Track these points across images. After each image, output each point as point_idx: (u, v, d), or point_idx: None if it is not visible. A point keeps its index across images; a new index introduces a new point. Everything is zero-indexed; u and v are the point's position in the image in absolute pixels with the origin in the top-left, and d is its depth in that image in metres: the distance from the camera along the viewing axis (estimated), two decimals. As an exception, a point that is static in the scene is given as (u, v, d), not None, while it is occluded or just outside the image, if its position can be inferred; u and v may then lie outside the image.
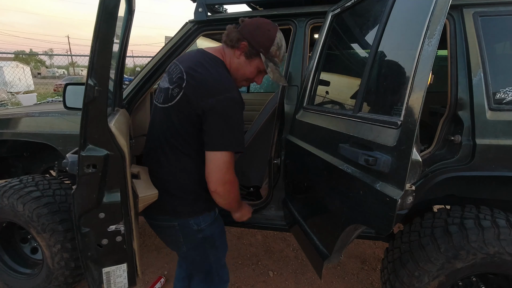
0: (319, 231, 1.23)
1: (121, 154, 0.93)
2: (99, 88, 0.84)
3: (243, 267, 2.13)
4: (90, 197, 0.91)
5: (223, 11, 1.73)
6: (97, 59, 0.82)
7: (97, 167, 0.89)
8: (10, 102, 8.97)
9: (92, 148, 0.88)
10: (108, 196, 0.94)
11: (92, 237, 0.97)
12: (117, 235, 0.99)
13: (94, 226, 0.96)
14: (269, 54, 1.03)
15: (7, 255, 1.78)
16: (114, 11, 0.81)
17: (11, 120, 1.81)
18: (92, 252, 0.99)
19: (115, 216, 0.97)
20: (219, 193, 0.98)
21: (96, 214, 0.94)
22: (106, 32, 0.81)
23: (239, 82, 1.11)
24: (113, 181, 0.94)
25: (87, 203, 0.92)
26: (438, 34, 0.70)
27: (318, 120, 1.24)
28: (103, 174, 0.91)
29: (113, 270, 1.04)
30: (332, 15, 1.37)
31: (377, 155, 0.80)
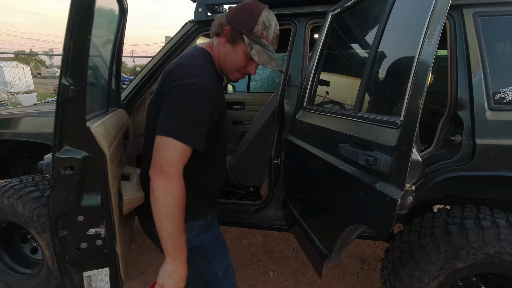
0: (319, 231, 1.23)
1: (101, 155, 0.90)
2: (75, 88, 0.80)
3: (243, 267, 2.13)
4: (68, 200, 0.89)
5: (223, 11, 1.73)
6: (72, 58, 0.79)
7: (75, 169, 0.86)
8: (10, 102, 8.97)
9: (69, 149, 0.85)
10: (87, 198, 0.91)
11: (71, 240, 0.94)
12: (97, 239, 0.96)
13: (72, 229, 0.92)
14: (254, 35, 0.91)
15: (7, 255, 1.78)
16: (90, 7, 0.78)
17: (11, 120, 1.81)
18: (71, 256, 0.96)
19: (95, 219, 0.93)
20: (154, 187, 0.78)
21: (75, 217, 0.91)
22: (81, 30, 0.78)
23: (231, 74, 0.99)
24: (93, 183, 0.91)
25: (64, 206, 0.89)
26: (438, 34, 0.70)
27: (318, 120, 1.24)
28: (81, 176, 0.88)
29: (95, 274, 1.01)
30: (332, 15, 1.37)
31: (377, 155, 0.80)
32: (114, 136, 1.11)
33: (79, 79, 0.81)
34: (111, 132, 1.06)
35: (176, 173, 0.78)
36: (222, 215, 1.76)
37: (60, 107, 0.81)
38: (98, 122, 0.97)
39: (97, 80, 1.38)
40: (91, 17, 0.79)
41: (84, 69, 0.82)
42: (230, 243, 2.44)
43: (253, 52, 0.90)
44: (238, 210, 1.74)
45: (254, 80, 7.13)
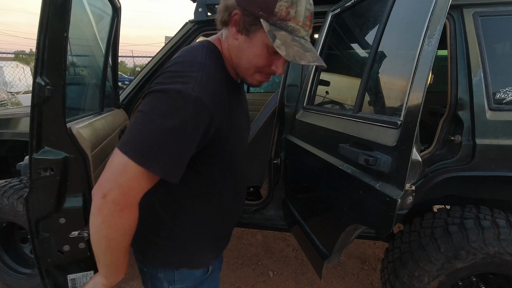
0: (319, 231, 1.23)
1: (83, 156, 0.87)
2: (52, 88, 0.77)
3: (243, 267, 2.13)
4: (48, 202, 0.86)
5: (223, 11, 1.73)
6: (47, 56, 0.76)
7: (55, 171, 0.83)
8: (10, 102, 8.96)
9: (49, 150, 0.82)
10: (70, 201, 0.88)
11: (52, 243, 0.92)
12: (80, 242, 0.93)
13: (54, 232, 0.90)
14: (276, 17, 0.60)
15: (7, 255, 1.78)
16: (65, 3, 0.75)
17: (11, 120, 1.81)
18: (53, 259, 0.94)
19: (77, 221, 0.91)
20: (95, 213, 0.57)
21: (56, 219, 0.88)
22: (56, 27, 0.75)
23: (250, 77, 0.70)
24: (75, 185, 0.88)
25: (44, 208, 0.87)
26: (438, 34, 0.70)
27: (318, 120, 1.24)
28: (62, 178, 0.85)
29: (79, 277, 0.99)
30: (332, 15, 1.37)
31: (377, 155, 0.80)
32: (104, 136, 1.09)
33: (56, 78, 0.78)
34: (99, 133, 1.03)
35: (129, 204, 0.58)
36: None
37: (36, 107, 0.78)
38: (85, 123, 0.94)
39: (86, 80, 1.36)
40: (66, 12, 0.76)
41: (61, 68, 0.79)
42: (230, 243, 2.43)
43: (277, 43, 0.60)
44: (238, 210, 1.74)
45: (254, 80, 7.11)
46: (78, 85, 1.23)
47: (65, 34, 0.78)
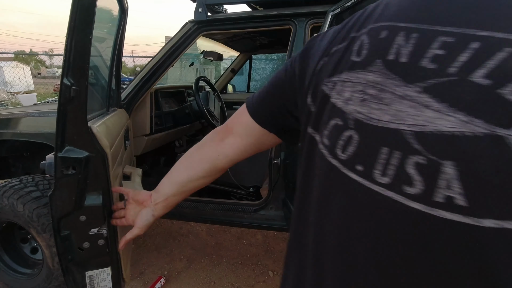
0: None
1: (103, 155, 0.90)
2: (77, 88, 0.81)
3: (243, 267, 2.13)
4: (70, 200, 0.89)
5: (223, 11, 1.73)
6: (73, 57, 0.79)
7: (77, 169, 0.86)
8: (10, 102, 8.97)
9: (71, 149, 0.85)
10: (90, 198, 0.91)
11: (73, 240, 0.94)
12: (99, 239, 0.95)
13: (74, 229, 0.93)
14: None
15: (7, 255, 1.78)
16: (91, 6, 0.78)
17: (11, 120, 1.81)
18: (73, 256, 0.96)
19: (97, 219, 0.93)
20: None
21: (77, 216, 0.91)
22: (82, 29, 0.78)
23: None
24: (95, 183, 0.91)
25: (66, 206, 0.89)
26: (438, 34, 0.70)
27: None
28: (83, 176, 0.88)
29: (97, 274, 1.02)
30: (332, 15, 1.37)
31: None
32: (115, 136, 1.11)
33: (81, 79, 0.81)
34: (112, 132, 1.06)
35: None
36: (222, 215, 1.77)
37: (62, 107, 0.81)
38: (99, 122, 0.97)
39: (97, 80, 1.39)
40: (92, 16, 0.79)
41: (86, 69, 0.82)
42: (230, 243, 2.44)
43: None
44: (238, 210, 1.74)
45: (254, 80, 7.13)
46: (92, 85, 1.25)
47: (90, 37, 0.81)
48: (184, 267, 2.10)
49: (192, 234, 2.56)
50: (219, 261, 2.19)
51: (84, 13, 0.77)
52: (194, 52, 7.63)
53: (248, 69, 3.56)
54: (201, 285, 1.93)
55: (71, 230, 0.93)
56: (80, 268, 0.99)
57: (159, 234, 2.54)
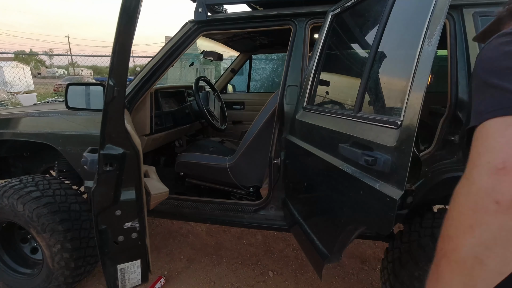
0: (319, 231, 1.23)
1: (136, 152, 0.95)
2: (118, 88, 0.86)
3: (243, 267, 2.13)
4: (108, 195, 0.94)
5: (223, 11, 1.73)
6: (116, 60, 0.83)
7: (115, 166, 0.92)
8: (10, 102, 8.97)
9: (111, 147, 0.90)
10: (125, 193, 0.96)
11: (109, 234, 0.99)
12: (132, 232, 1.01)
13: (111, 223, 0.97)
14: None
15: (7, 255, 1.78)
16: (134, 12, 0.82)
17: (11, 120, 1.81)
18: (109, 249, 1.00)
19: (130, 213, 0.98)
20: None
21: (113, 211, 0.96)
22: (126, 34, 0.83)
23: None
24: (129, 179, 0.96)
25: (105, 201, 0.94)
26: (438, 34, 0.70)
27: (318, 120, 1.23)
28: (120, 172, 0.93)
29: (127, 267, 1.06)
30: (332, 15, 1.37)
31: (377, 155, 0.80)
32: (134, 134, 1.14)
33: (121, 80, 0.86)
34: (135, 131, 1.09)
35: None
36: (222, 215, 1.76)
37: (106, 106, 0.85)
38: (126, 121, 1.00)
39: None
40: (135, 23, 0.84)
41: (126, 71, 0.87)
42: (230, 243, 2.44)
43: None
44: (238, 210, 1.74)
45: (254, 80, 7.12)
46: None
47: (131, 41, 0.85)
48: (184, 267, 2.10)
49: (192, 234, 2.56)
50: (219, 261, 2.19)
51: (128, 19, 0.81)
52: (194, 52, 7.62)
53: (248, 69, 3.56)
54: (201, 285, 1.93)
55: (107, 224, 0.97)
56: (113, 261, 1.02)
57: (159, 234, 2.54)
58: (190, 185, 2.19)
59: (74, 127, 1.67)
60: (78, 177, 1.97)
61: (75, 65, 31.42)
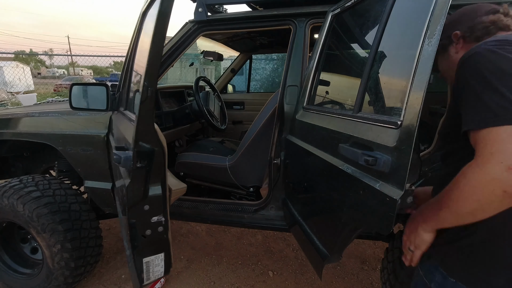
0: (319, 231, 1.23)
1: (162, 149, 1.00)
2: (151, 89, 0.90)
3: (243, 267, 2.13)
4: (139, 190, 0.99)
5: (223, 11, 1.73)
6: (150, 62, 0.88)
7: (145, 162, 0.97)
8: (10, 102, 8.97)
9: (142, 144, 0.95)
10: (152, 189, 1.01)
11: (138, 228, 1.03)
12: (159, 226, 1.06)
13: (139, 218, 1.02)
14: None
15: (7, 255, 1.78)
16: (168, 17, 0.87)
17: (11, 120, 1.81)
18: (138, 243, 1.05)
19: (157, 208, 1.03)
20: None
21: (142, 206, 1.01)
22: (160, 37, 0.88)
23: None
24: (156, 174, 1.01)
25: (136, 196, 0.99)
26: (438, 34, 0.70)
27: (318, 120, 1.23)
28: (149, 169, 0.98)
29: (152, 260, 1.10)
30: (332, 15, 1.37)
31: (377, 155, 0.80)
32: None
33: (153, 81, 0.91)
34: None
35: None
36: (222, 215, 1.76)
37: (141, 105, 0.90)
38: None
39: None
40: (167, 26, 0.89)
41: (157, 73, 0.92)
42: (230, 243, 2.44)
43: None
44: (238, 210, 1.74)
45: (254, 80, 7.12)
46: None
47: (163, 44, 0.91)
48: (184, 267, 2.10)
49: (192, 234, 2.56)
50: (219, 261, 2.19)
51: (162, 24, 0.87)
52: (194, 52, 7.62)
53: (248, 69, 3.56)
54: (201, 285, 1.93)
55: (136, 219, 1.01)
56: (140, 255, 1.07)
57: (159, 234, 2.54)
58: (190, 185, 2.19)
59: (74, 127, 1.67)
60: (78, 177, 1.97)
61: (75, 65, 31.43)
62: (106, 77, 22.29)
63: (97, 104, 1.53)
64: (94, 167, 1.67)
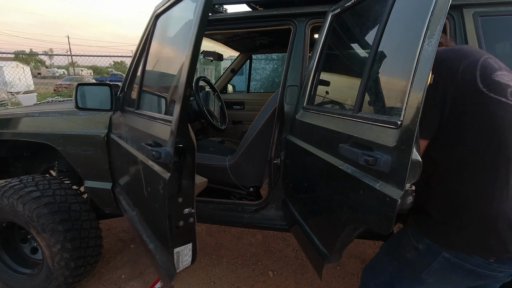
0: (319, 231, 1.23)
1: (193, 145, 1.07)
2: (189, 88, 0.97)
3: (243, 267, 2.13)
4: (175, 184, 1.05)
5: (223, 11, 1.73)
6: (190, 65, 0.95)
7: (181, 157, 1.04)
8: (10, 102, 8.97)
9: (179, 140, 1.01)
10: (185, 182, 1.07)
11: (173, 220, 1.08)
12: (190, 217, 1.11)
13: (174, 210, 1.08)
14: None
15: (7, 255, 1.78)
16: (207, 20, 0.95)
17: (11, 120, 1.81)
18: (171, 234, 1.10)
19: (188, 200, 1.09)
20: None
21: (177, 199, 1.06)
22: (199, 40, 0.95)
23: None
24: (188, 168, 1.07)
25: (173, 189, 1.05)
26: (438, 34, 0.70)
27: (318, 120, 1.23)
28: (184, 163, 1.05)
29: (181, 250, 1.16)
30: (332, 15, 1.37)
31: (377, 155, 0.80)
32: None
33: (191, 82, 0.99)
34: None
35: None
36: (222, 215, 1.76)
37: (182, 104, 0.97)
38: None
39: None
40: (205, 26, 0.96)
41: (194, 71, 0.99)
42: (230, 243, 2.44)
43: None
44: (238, 210, 1.74)
45: (254, 80, 7.11)
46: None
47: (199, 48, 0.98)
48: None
49: (192, 234, 2.56)
50: (219, 261, 2.19)
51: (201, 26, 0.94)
52: (194, 52, 7.59)
53: (248, 69, 3.56)
54: (201, 285, 1.93)
55: (171, 211, 1.06)
56: (171, 246, 1.12)
57: (159, 234, 2.54)
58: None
59: (74, 127, 1.67)
60: (78, 177, 1.98)
61: (75, 65, 31.43)
62: (106, 77, 22.30)
63: (102, 104, 1.55)
64: (94, 167, 1.67)
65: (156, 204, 1.14)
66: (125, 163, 1.45)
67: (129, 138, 1.40)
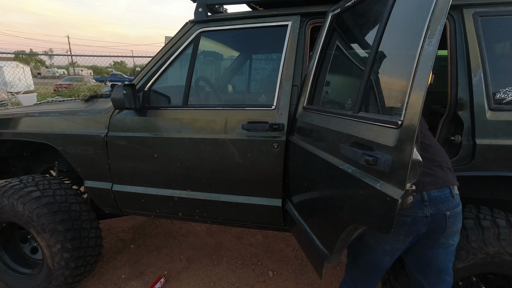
0: (319, 231, 1.23)
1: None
2: (296, 85, 1.07)
3: (243, 267, 2.13)
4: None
5: (223, 11, 1.73)
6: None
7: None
8: (10, 102, 8.96)
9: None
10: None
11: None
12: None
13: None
14: None
15: (7, 255, 1.78)
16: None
17: (11, 120, 1.81)
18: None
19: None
20: None
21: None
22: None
23: None
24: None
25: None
26: (438, 34, 0.70)
27: (318, 120, 1.23)
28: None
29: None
30: (332, 15, 1.37)
31: (377, 155, 0.80)
32: None
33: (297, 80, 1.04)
34: None
35: None
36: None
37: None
38: None
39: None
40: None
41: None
42: (230, 243, 2.44)
43: None
44: (238, 210, 1.74)
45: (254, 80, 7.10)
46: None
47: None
48: (184, 267, 2.10)
49: (192, 234, 2.56)
50: (219, 261, 2.19)
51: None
52: (194, 52, 7.58)
53: (248, 69, 3.56)
54: (201, 285, 1.93)
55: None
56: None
57: (159, 234, 2.54)
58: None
59: (74, 127, 1.67)
60: (78, 177, 1.97)
61: (75, 65, 31.43)
62: (106, 77, 22.26)
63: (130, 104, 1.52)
64: (94, 167, 1.67)
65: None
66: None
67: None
